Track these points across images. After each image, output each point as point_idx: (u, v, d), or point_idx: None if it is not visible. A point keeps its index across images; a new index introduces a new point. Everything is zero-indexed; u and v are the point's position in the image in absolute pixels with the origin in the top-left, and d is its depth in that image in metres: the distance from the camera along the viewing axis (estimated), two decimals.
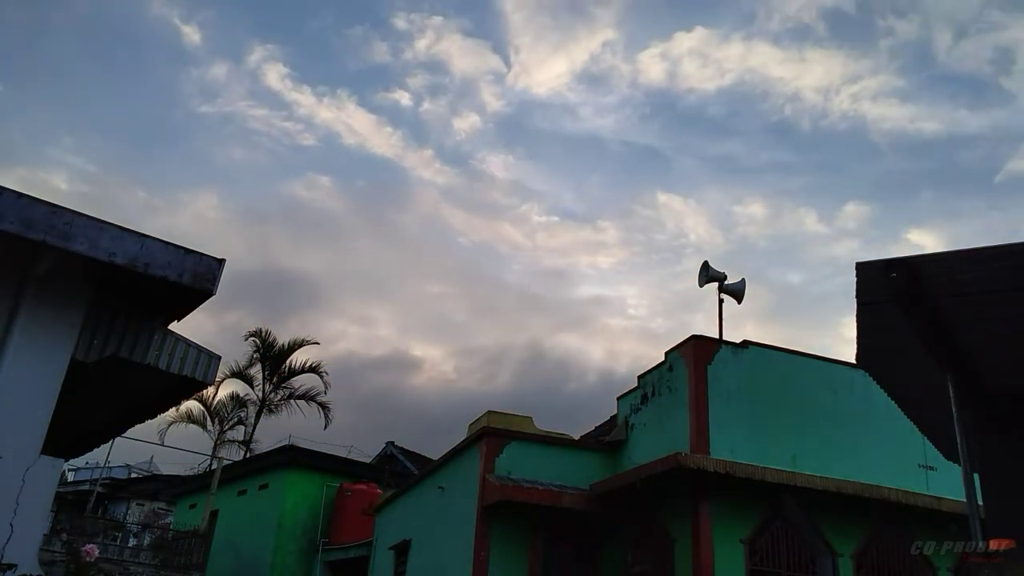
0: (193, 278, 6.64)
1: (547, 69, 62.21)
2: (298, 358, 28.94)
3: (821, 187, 63.83)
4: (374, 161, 68.39)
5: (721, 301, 13.07)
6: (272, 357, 28.68)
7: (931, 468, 11.48)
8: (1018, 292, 4.17)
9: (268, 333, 28.66)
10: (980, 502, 4.77)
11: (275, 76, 61.85)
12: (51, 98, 65.12)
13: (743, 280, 13.20)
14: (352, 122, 65.22)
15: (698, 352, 11.24)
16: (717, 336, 12.34)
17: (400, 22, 60.85)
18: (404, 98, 65.36)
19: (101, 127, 68.15)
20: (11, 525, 6.10)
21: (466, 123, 67.42)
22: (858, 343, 4.90)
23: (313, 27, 61.70)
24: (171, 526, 25.63)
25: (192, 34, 58.10)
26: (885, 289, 4.23)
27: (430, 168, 68.62)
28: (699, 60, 58.44)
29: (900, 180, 60.18)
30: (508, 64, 64.69)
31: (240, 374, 28.48)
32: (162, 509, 31.29)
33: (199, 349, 7.39)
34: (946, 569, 11.28)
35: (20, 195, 5.97)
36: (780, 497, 10.66)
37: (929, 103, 58.75)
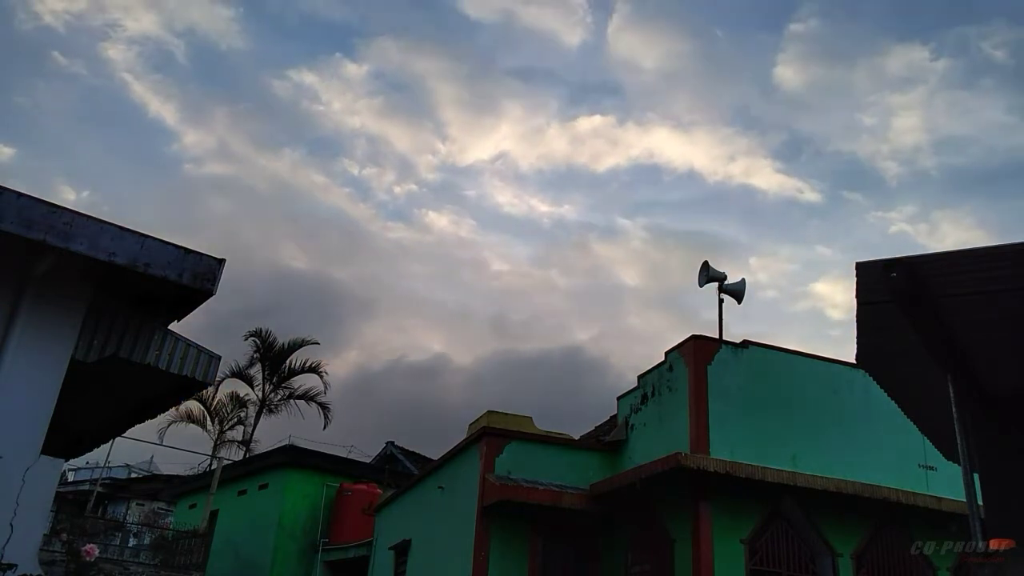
0: (193, 278, 6.64)
1: (474, 149, 72.75)
2: (298, 358, 28.96)
3: (724, 244, 71.46)
4: (337, 213, 75.68)
5: (721, 301, 13.06)
6: (272, 357, 28.66)
7: (931, 468, 11.47)
8: (1018, 292, 4.16)
9: (268, 333, 28.62)
10: (980, 502, 4.77)
11: (239, 143, 71.00)
12: (53, 163, 74.02)
13: (743, 280, 13.19)
14: (316, 187, 73.16)
15: (698, 352, 11.23)
16: (717, 336, 12.34)
17: (336, 103, 69.97)
18: (352, 167, 75.94)
19: (97, 186, 75.81)
20: (11, 525, 6.10)
21: (404, 190, 76.77)
22: (858, 343, 4.89)
23: (271, 104, 70.13)
24: (171, 526, 25.65)
25: (169, 115, 67.33)
26: (885, 289, 4.23)
27: (377, 223, 77.68)
28: (602, 139, 69.74)
29: (793, 238, 69.16)
30: (442, 141, 74.15)
31: (240, 374, 28.46)
32: (162, 509, 31.30)
33: (199, 349, 7.39)
34: (946, 569, 11.29)
35: (20, 195, 5.97)
36: (780, 497, 10.65)
37: (806, 177, 68.10)
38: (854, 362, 5.27)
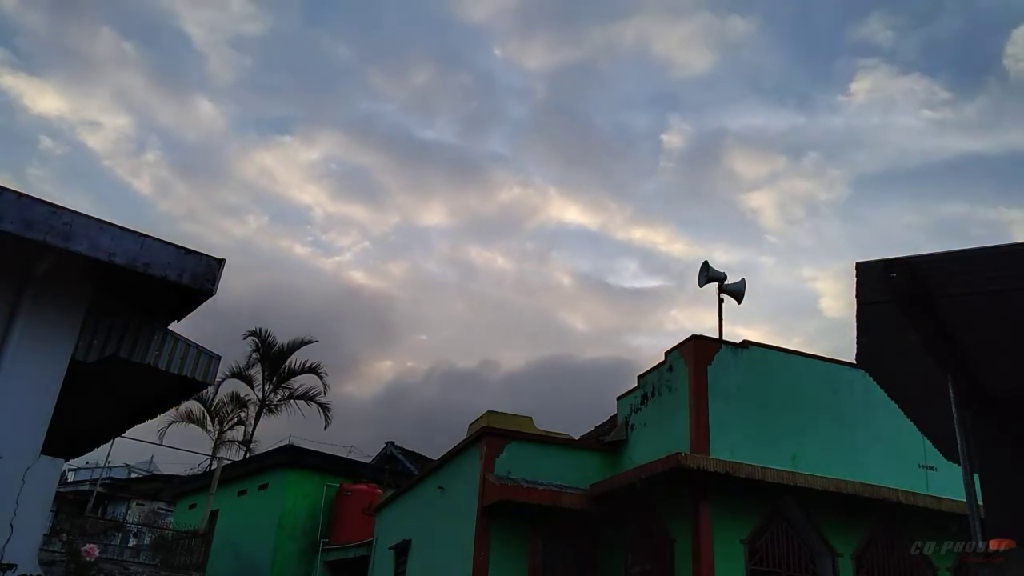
0: (193, 278, 6.64)
1: (426, 215, 79.15)
2: (298, 358, 28.95)
3: (647, 294, 79.51)
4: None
5: (721, 301, 13.08)
6: (272, 357, 28.66)
7: (931, 468, 11.48)
8: (1018, 292, 4.16)
9: (268, 333, 28.65)
10: (980, 502, 4.77)
11: (205, 210, 77.51)
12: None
13: (743, 280, 13.21)
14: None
15: (698, 352, 11.23)
16: (717, 336, 12.35)
17: (292, 182, 75.38)
18: (313, 231, 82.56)
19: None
20: (11, 525, 6.10)
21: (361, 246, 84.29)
22: (858, 343, 4.89)
23: (233, 180, 76.54)
24: (171, 526, 25.65)
25: (143, 187, 74.70)
26: (885, 289, 4.23)
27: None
28: (523, 205, 76.43)
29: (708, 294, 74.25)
30: (395, 214, 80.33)
31: (240, 374, 28.46)
32: (162, 509, 31.29)
33: (199, 349, 7.39)
34: (946, 569, 11.29)
35: (20, 195, 5.97)
36: (780, 497, 10.66)
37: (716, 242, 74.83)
38: (854, 362, 5.27)
